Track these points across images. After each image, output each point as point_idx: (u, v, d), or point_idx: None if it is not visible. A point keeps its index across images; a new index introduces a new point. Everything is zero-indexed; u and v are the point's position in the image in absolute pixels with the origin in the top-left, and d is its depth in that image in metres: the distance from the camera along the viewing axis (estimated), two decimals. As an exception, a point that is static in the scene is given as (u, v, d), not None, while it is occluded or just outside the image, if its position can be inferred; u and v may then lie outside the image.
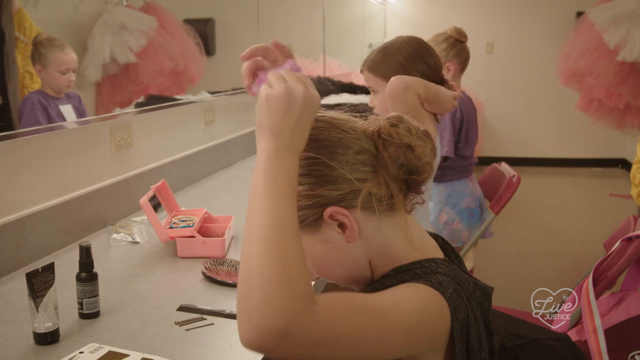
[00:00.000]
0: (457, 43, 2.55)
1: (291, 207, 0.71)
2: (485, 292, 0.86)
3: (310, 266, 0.86)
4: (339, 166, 0.80)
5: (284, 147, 0.73)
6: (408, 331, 0.73)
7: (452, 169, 2.51)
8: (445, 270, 0.81)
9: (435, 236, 0.93)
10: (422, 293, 0.76)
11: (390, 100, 1.54)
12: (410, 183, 0.83)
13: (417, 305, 0.74)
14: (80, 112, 1.85)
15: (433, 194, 2.51)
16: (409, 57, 1.63)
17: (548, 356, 1.29)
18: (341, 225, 0.81)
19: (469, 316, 0.78)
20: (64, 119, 1.76)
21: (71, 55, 1.78)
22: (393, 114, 0.87)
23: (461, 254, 2.48)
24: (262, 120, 0.75)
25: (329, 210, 0.80)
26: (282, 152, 0.73)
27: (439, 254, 0.88)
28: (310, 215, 0.81)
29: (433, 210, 2.49)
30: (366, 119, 0.87)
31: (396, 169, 0.81)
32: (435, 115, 1.71)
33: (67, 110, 1.77)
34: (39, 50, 1.68)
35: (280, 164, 0.72)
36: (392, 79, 1.53)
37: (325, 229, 0.82)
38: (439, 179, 2.49)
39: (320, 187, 0.80)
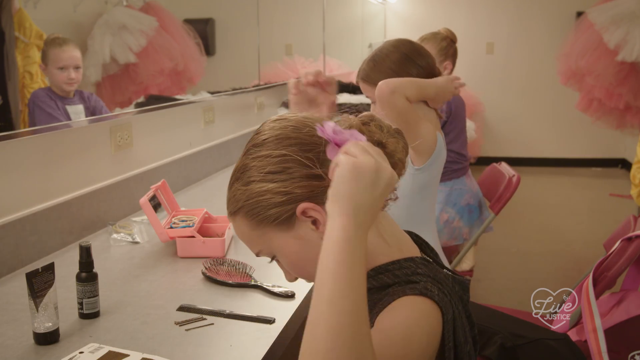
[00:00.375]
0: (453, 44, 2.56)
1: (365, 294, 0.67)
2: (464, 285, 0.87)
3: (287, 266, 0.87)
4: (310, 163, 0.81)
5: (362, 224, 0.69)
6: (424, 355, 0.75)
7: (449, 167, 2.51)
8: (424, 270, 0.82)
9: (409, 232, 0.94)
10: (421, 309, 0.77)
11: (380, 105, 1.53)
12: None
13: (424, 326, 0.76)
14: (93, 113, 1.85)
15: None
16: (398, 62, 1.60)
17: (548, 356, 1.29)
18: (315, 222, 0.82)
19: (454, 312, 0.80)
20: (69, 119, 1.76)
21: (70, 53, 1.77)
22: (365, 113, 0.88)
23: (461, 253, 2.48)
24: (343, 190, 0.70)
25: (302, 206, 0.81)
26: (360, 230, 0.69)
27: (414, 250, 0.89)
28: (284, 212, 0.82)
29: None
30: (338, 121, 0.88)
31: None
32: (436, 112, 1.70)
33: (75, 111, 1.77)
34: (43, 49, 1.70)
35: (358, 244, 0.68)
36: (380, 83, 1.51)
37: (299, 226, 0.82)
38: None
39: (293, 184, 0.81)
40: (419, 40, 2.45)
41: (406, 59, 1.61)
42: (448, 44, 2.54)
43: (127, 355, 1.08)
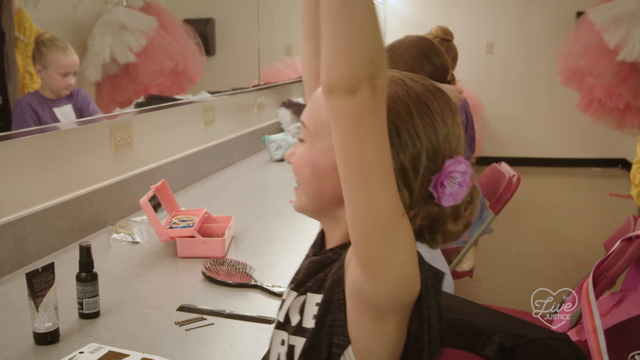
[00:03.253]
0: (444, 42, 2.54)
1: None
2: (438, 276, 0.83)
3: (309, 170, 0.82)
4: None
5: None
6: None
7: None
8: None
9: None
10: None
11: None
12: None
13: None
14: (83, 110, 1.82)
15: None
16: (415, 57, 1.64)
17: (548, 356, 1.29)
18: None
19: (428, 289, 0.76)
20: (58, 122, 1.73)
21: (73, 58, 1.75)
22: None
23: (461, 253, 2.48)
24: None
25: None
26: None
27: None
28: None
29: None
30: None
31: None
32: None
33: (64, 111, 1.75)
34: (40, 50, 1.66)
35: None
36: None
37: None
38: None
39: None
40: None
41: (423, 55, 1.64)
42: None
43: (127, 355, 1.08)
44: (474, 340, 1.30)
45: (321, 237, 0.91)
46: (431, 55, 1.65)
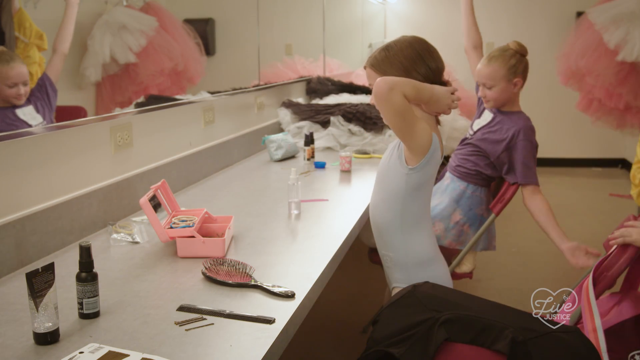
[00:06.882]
0: (523, 58, 2.57)
1: None
2: None
3: None
4: None
5: None
6: None
7: (487, 175, 2.50)
8: None
9: None
10: None
11: (377, 102, 1.54)
12: None
13: None
14: (47, 96, 1.72)
15: (451, 189, 2.50)
16: (410, 58, 1.63)
17: (561, 348, 1.29)
18: None
19: None
20: (26, 124, 1.65)
21: (17, 70, 1.65)
22: None
23: (461, 254, 2.47)
24: None
25: None
26: None
27: None
28: None
29: (448, 206, 2.48)
30: None
31: None
32: (437, 117, 1.70)
33: (26, 112, 1.69)
34: None
35: None
36: (378, 80, 1.53)
37: None
38: (467, 178, 2.48)
39: None
40: (487, 58, 2.47)
41: (418, 57, 1.63)
42: (518, 60, 2.53)
43: (127, 355, 1.08)
44: (484, 336, 1.31)
45: None
46: (425, 57, 1.64)
